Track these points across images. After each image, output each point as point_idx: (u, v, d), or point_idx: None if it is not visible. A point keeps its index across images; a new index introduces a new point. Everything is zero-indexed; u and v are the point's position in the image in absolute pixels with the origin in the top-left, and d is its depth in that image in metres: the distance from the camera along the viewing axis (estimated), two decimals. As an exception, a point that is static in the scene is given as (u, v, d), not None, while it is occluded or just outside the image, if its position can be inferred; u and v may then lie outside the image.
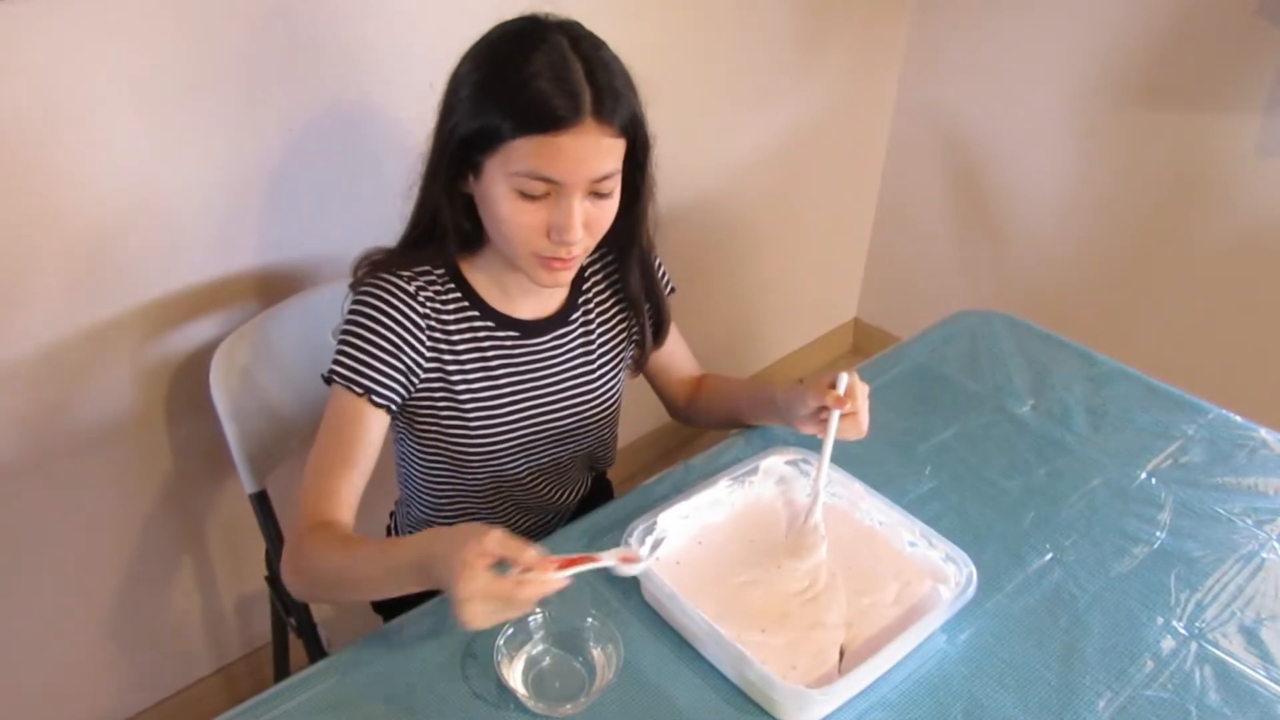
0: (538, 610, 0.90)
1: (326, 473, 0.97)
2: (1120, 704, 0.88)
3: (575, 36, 0.93)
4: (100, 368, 1.28)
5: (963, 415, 1.28)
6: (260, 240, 1.36)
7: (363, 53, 1.35)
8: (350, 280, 1.05)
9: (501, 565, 0.78)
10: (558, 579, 0.79)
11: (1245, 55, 1.79)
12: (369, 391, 0.99)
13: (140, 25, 1.14)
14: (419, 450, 1.12)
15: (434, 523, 1.19)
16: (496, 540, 0.77)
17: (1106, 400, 1.31)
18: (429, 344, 1.03)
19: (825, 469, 1.03)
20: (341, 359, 0.99)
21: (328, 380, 1.01)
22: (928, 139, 2.37)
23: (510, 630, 0.88)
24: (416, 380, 1.03)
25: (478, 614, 0.76)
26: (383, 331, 0.99)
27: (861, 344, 2.73)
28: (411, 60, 1.41)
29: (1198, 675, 0.92)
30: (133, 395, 1.33)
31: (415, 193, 1.03)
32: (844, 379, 1.02)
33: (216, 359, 1.19)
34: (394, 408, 1.01)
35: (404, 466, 1.18)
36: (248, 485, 1.23)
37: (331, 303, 1.30)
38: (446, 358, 1.04)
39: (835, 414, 1.02)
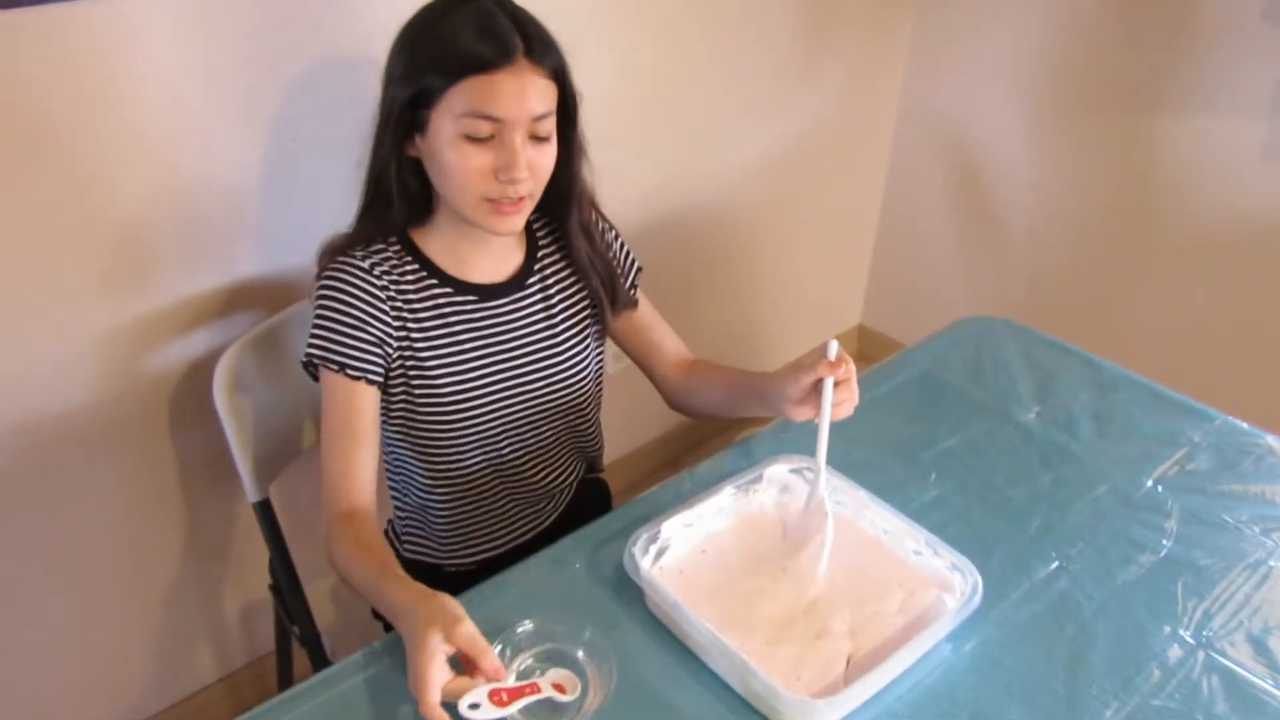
0: (528, 621, 0.89)
1: (335, 458, 1.02)
2: (1127, 713, 0.88)
3: (499, 1, 0.99)
4: (104, 375, 1.28)
5: (967, 422, 1.27)
6: (264, 247, 1.36)
7: (379, 59, 1.35)
8: (316, 272, 1.08)
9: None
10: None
11: (1250, 59, 1.79)
12: (343, 367, 1.02)
13: (147, 32, 1.14)
14: (401, 434, 1.13)
15: (428, 507, 1.18)
16: (465, 636, 0.81)
17: (1112, 407, 1.30)
18: (393, 314, 1.05)
19: (825, 441, 1.01)
20: (313, 341, 1.03)
21: (305, 366, 1.05)
22: (931, 145, 2.37)
23: (500, 646, 0.86)
24: (390, 351, 1.06)
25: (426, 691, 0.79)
26: (346, 308, 1.03)
27: (866, 350, 2.73)
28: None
29: (1205, 684, 0.91)
30: (136, 402, 1.33)
31: (363, 173, 1.07)
32: (834, 345, 1.00)
33: (220, 367, 1.19)
34: (376, 379, 1.04)
35: (392, 459, 1.19)
36: (251, 494, 1.23)
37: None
38: (411, 327, 1.07)
39: (829, 384, 1.00)
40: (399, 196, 1.05)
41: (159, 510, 1.43)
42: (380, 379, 1.05)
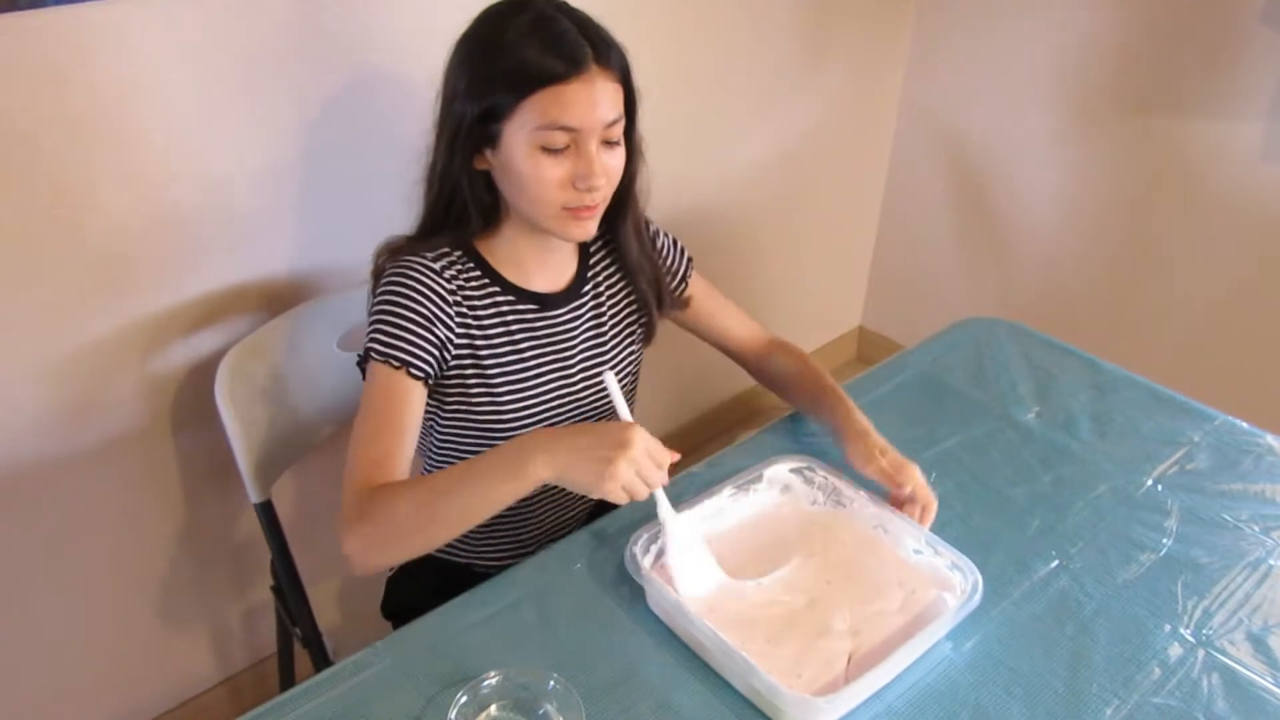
0: (493, 674, 0.86)
1: (374, 443, 0.98)
2: (1128, 711, 0.88)
3: (556, 4, 0.98)
4: (107, 377, 1.29)
5: (967, 423, 1.28)
6: (267, 249, 1.37)
7: (381, 62, 1.36)
8: (372, 268, 1.08)
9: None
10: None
11: (1248, 61, 1.79)
12: (406, 365, 1.00)
13: (150, 36, 1.15)
14: (444, 432, 1.13)
15: None
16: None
17: (1111, 407, 1.31)
18: (458, 319, 1.05)
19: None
20: (378, 336, 1.01)
21: (363, 359, 1.02)
22: (931, 147, 2.37)
23: (464, 699, 0.84)
24: (449, 355, 1.05)
25: (629, 468, 0.87)
26: (414, 307, 1.02)
27: (866, 352, 2.73)
28: (436, 71, 1.42)
29: (1205, 683, 0.91)
30: (139, 405, 1.33)
31: (421, 186, 1.06)
32: (609, 376, 0.99)
33: (222, 368, 1.19)
34: (430, 381, 1.03)
35: (431, 460, 1.19)
36: (253, 495, 1.23)
37: (338, 312, 1.31)
38: (475, 333, 1.07)
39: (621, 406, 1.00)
40: (475, 211, 1.04)
41: (161, 512, 1.43)
42: (432, 382, 1.04)
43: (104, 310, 1.25)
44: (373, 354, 1.01)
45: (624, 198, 1.10)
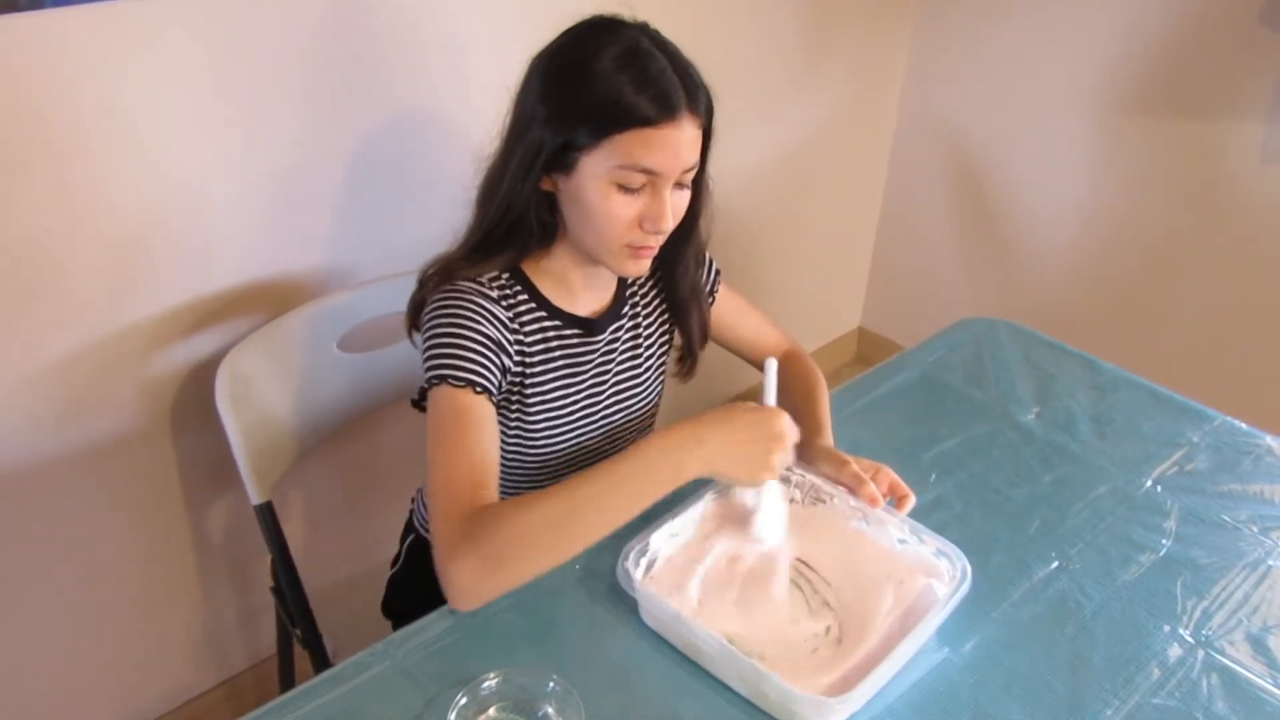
0: (492, 675, 0.86)
1: (470, 466, 0.93)
2: (1127, 712, 0.88)
3: (650, 35, 0.96)
4: (106, 379, 1.29)
5: (967, 423, 1.28)
6: (267, 251, 1.37)
7: (380, 70, 1.36)
8: (420, 287, 1.05)
9: None
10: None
11: (1248, 63, 1.79)
12: (488, 391, 0.98)
13: (151, 39, 1.15)
14: None
15: None
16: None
17: (1111, 408, 1.31)
18: (515, 347, 1.04)
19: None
20: (455, 362, 0.97)
21: (428, 387, 0.98)
22: (930, 148, 2.38)
23: (464, 700, 0.83)
24: (505, 381, 1.05)
25: (784, 459, 0.94)
26: (485, 331, 1.00)
27: (866, 353, 2.73)
28: (438, 76, 1.42)
29: (1204, 683, 0.91)
30: (138, 406, 1.33)
31: (476, 197, 1.04)
32: (770, 364, 1.00)
33: (222, 370, 1.19)
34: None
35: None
36: (253, 496, 1.23)
37: (337, 314, 1.31)
38: (526, 361, 1.06)
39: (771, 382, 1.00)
40: (537, 232, 1.02)
41: (160, 513, 1.43)
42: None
43: (104, 311, 1.25)
44: (450, 380, 0.97)
45: (686, 233, 1.08)
